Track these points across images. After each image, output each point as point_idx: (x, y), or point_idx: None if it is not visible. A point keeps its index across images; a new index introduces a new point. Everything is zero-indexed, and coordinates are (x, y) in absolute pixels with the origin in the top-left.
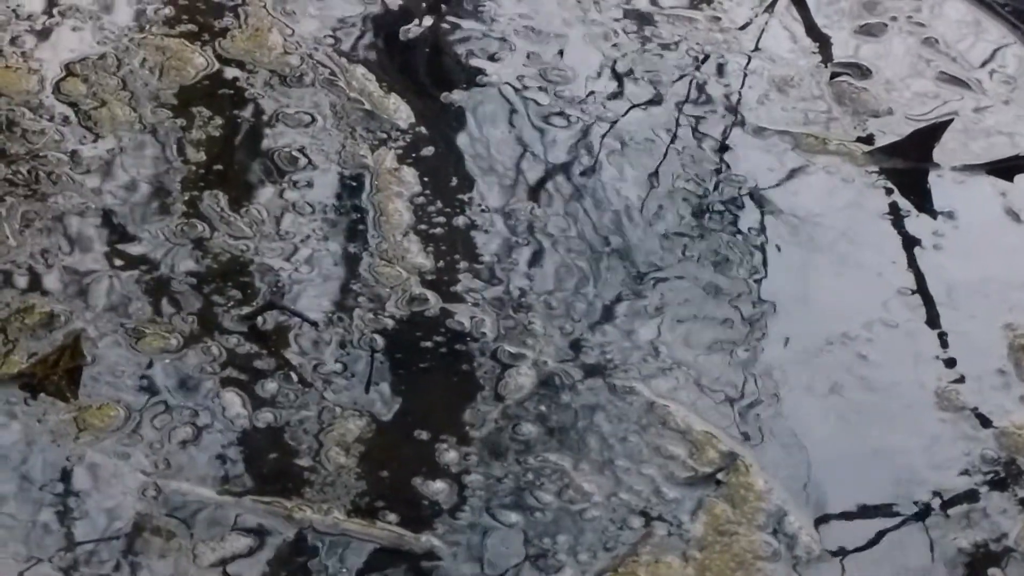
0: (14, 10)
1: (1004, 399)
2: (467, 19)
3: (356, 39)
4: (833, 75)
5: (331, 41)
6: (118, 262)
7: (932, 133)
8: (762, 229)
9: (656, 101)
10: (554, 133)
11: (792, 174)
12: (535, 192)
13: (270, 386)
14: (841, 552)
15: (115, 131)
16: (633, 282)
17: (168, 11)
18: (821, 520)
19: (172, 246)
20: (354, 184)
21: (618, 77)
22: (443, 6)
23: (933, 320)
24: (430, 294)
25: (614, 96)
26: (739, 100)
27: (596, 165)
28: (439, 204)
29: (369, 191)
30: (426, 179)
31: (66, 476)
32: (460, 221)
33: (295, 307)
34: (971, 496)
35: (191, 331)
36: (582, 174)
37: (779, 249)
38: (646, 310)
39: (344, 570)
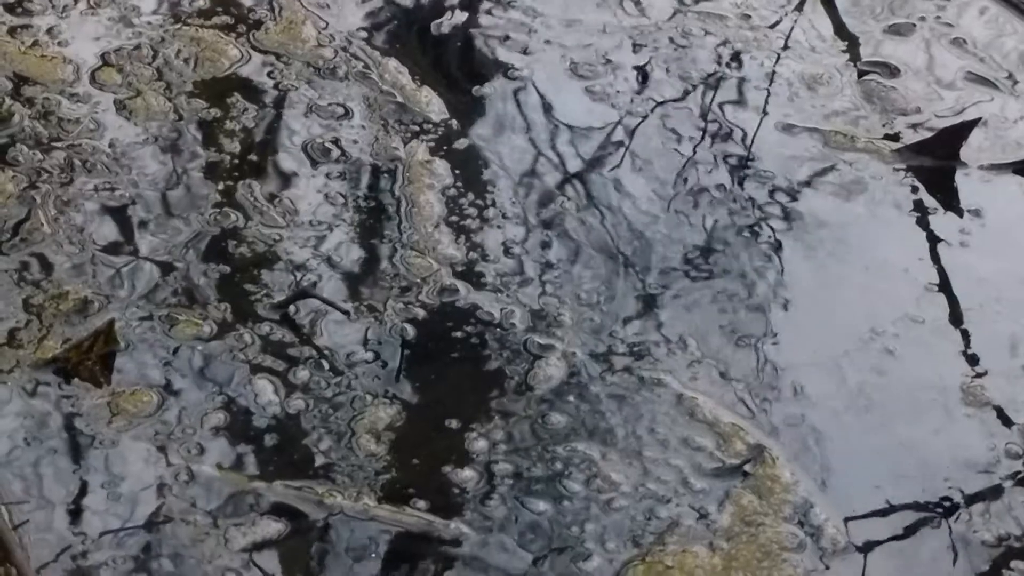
0: (51, 1)
1: None
2: (499, 13)
3: (389, 33)
4: (861, 73)
5: (364, 34)
6: (152, 250)
7: (959, 132)
8: (790, 225)
9: (686, 97)
10: (584, 127)
11: (820, 171)
12: (565, 185)
13: (302, 374)
14: (866, 544)
15: (149, 120)
16: (661, 276)
17: (203, 3)
18: (847, 512)
19: (206, 234)
20: (386, 176)
21: (649, 73)
22: (475, 1)
23: (958, 317)
24: (461, 285)
25: (644, 92)
26: (768, 97)
27: (626, 160)
28: (470, 196)
29: (401, 183)
30: (457, 171)
31: (99, 460)
32: (491, 213)
33: (327, 296)
34: (995, 491)
35: (224, 318)
36: (612, 169)
37: (806, 245)
38: (674, 304)
39: (374, 555)
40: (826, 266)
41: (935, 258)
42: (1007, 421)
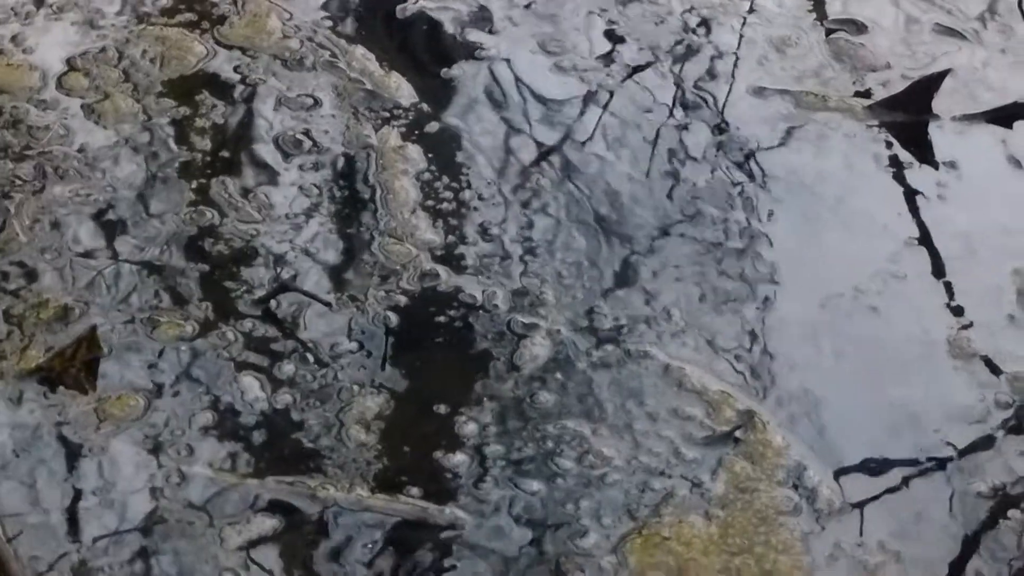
0: (12, 8)
1: (1015, 344)
2: None
3: (354, 20)
4: (829, 32)
5: (329, 23)
6: (130, 253)
7: (930, 85)
8: (766, 188)
9: (655, 66)
10: (555, 103)
11: (793, 132)
12: (540, 162)
13: (287, 368)
14: (862, 503)
15: (119, 123)
16: (641, 247)
17: (166, 1)
18: (840, 473)
19: (182, 234)
20: (360, 164)
21: (616, 44)
22: None
23: (940, 270)
24: (441, 269)
25: (613, 63)
26: (737, 61)
27: (598, 133)
28: (445, 179)
29: (375, 170)
30: (431, 155)
31: (90, 467)
32: (467, 195)
33: (308, 289)
34: (987, 442)
35: (206, 317)
36: (585, 142)
37: (784, 207)
38: (656, 274)
39: (370, 545)
40: (805, 227)
41: (913, 212)
42: (995, 370)
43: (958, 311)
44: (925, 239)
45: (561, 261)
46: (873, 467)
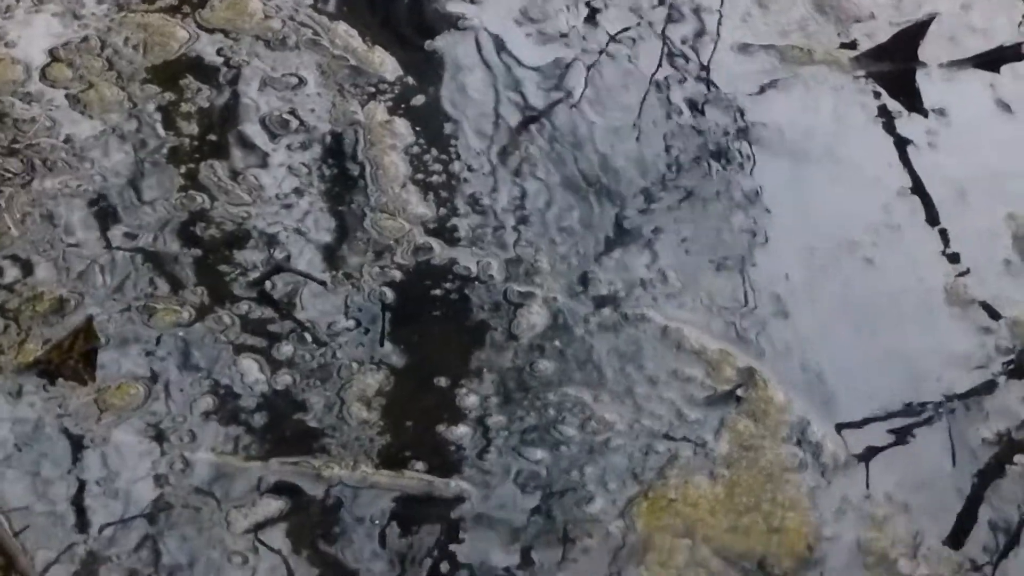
0: None
1: (1013, 289)
2: None
3: None
4: None
5: (310, 1)
6: (122, 241)
7: (915, 33)
8: (755, 144)
9: (638, 28)
10: (541, 69)
11: (781, 87)
12: (528, 130)
13: (285, 349)
14: (867, 455)
15: (105, 112)
16: (633, 210)
17: None
18: (843, 426)
19: (174, 220)
20: (348, 141)
21: (598, 8)
22: None
23: (934, 218)
24: (434, 242)
25: (596, 27)
26: (721, 19)
27: (585, 97)
28: (434, 152)
29: (363, 146)
30: (418, 129)
31: (93, 458)
32: (456, 167)
33: (302, 268)
34: (989, 387)
35: (202, 302)
36: (572, 107)
37: (775, 162)
38: (650, 236)
39: (377, 522)
40: (797, 181)
41: (905, 162)
42: (994, 314)
43: (954, 258)
44: (917, 188)
45: (554, 228)
46: (876, 419)
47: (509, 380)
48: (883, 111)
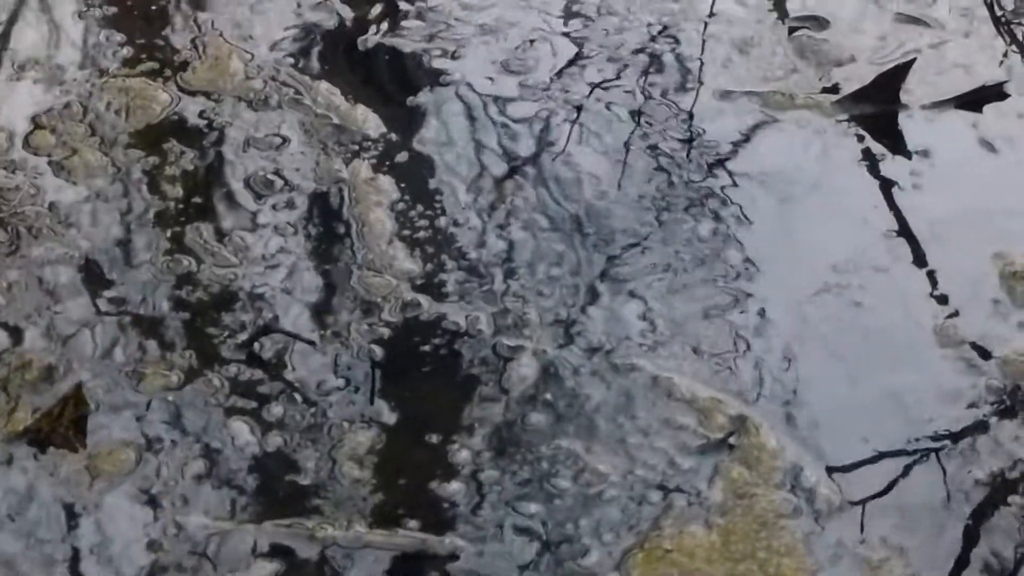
0: None
1: (1002, 328)
2: (422, 21)
3: (316, 55)
4: (792, 30)
5: (291, 60)
6: (110, 307)
7: (896, 75)
8: (740, 190)
9: (619, 77)
10: (523, 122)
11: (764, 133)
12: (512, 183)
13: (276, 410)
14: (862, 499)
15: (89, 178)
16: (619, 259)
17: (127, 52)
18: (837, 471)
19: (161, 284)
20: (333, 199)
21: (579, 59)
22: (397, 11)
23: (922, 259)
24: (422, 298)
25: (577, 79)
26: (701, 67)
27: (568, 148)
28: (419, 208)
29: (349, 204)
30: (403, 185)
31: (86, 525)
32: (442, 222)
33: (290, 328)
34: (981, 427)
35: (191, 365)
36: (555, 159)
37: (760, 208)
38: (636, 285)
39: None
40: (782, 226)
41: (890, 204)
42: (985, 355)
43: (943, 299)
44: (904, 229)
45: (541, 279)
46: (869, 462)
47: (501, 434)
48: (867, 154)
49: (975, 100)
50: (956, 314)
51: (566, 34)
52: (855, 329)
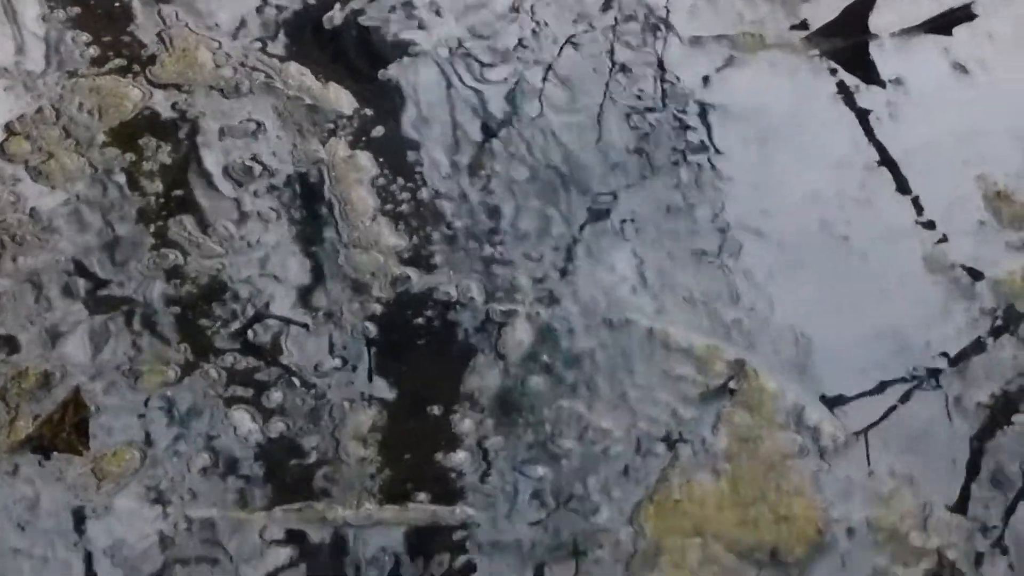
0: None
1: (990, 249)
2: None
3: (283, 37)
4: None
5: (259, 45)
6: (100, 307)
7: (864, 5)
8: (718, 134)
9: (588, 34)
10: (496, 85)
11: (737, 75)
12: (490, 147)
13: (275, 396)
14: (865, 430)
15: (68, 181)
16: (604, 212)
17: (94, 51)
18: (839, 407)
19: (149, 280)
20: (313, 180)
21: (546, 19)
22: None
23: (904, 187)
24: (411, 271)
25: (546, 37)
26: (668, 14)
27: (543, 107)
28: (400, 181)
29: (329, 183)
30: (381, 160)
31: (97, 528)
32: (424, 193)
33: (282, 313)
34: (978, 348)
35: (186, 359)
36: (533, 118)
37: (739, 150)
38: (624, 238)
39: (387, 557)
40: (764, 167)
41: (869, 135)
42: (976, 275)
43: (929, 225)
44: (884, 159)
45: (527, 242)
46: (870, 394)
47: (502, 400)
48: (841, 87)
49: (944, 23)
50: (944, 239)
51: None
52: (845, 264)
